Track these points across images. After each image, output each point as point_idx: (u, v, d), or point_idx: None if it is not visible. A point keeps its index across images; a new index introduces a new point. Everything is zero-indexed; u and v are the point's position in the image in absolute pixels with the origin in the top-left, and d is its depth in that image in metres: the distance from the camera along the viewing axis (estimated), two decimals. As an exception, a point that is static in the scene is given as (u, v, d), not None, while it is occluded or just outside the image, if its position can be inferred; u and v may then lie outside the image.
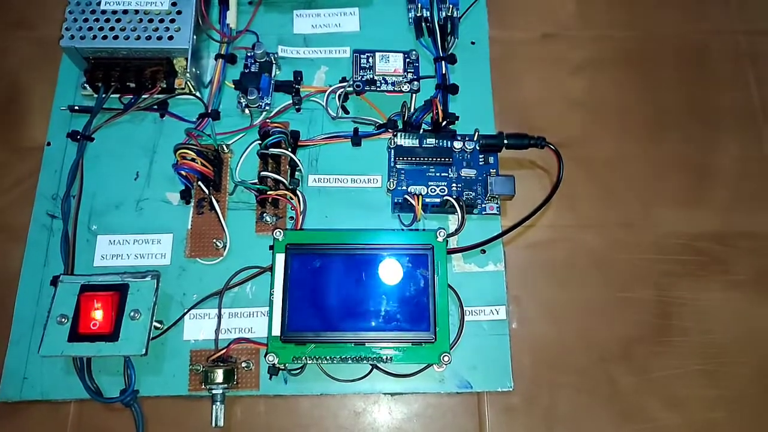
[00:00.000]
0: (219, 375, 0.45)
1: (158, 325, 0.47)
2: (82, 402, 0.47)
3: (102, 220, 0.51)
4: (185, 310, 0.48)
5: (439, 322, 0.44)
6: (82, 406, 0.47)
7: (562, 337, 0.49)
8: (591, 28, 0.60)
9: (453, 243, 0.50)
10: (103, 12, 0.52)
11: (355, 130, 0.54)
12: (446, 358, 0.44)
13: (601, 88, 0.58)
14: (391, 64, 0.54)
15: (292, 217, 0.51)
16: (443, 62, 0.55)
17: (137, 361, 0.46)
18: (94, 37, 0.51)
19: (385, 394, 0.48)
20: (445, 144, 0.52)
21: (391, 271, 0.46)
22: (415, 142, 0.52)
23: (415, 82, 0.54)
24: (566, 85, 0.58)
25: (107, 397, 0.46)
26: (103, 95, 0.53)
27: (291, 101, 0.55)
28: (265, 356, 0.44)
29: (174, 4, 0.52)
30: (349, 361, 0.45)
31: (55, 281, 0.47)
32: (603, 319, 0.50)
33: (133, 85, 0.53)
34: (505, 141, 0.52)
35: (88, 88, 0.54)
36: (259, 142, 0.52)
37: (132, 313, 0.45)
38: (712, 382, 0.48)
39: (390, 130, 0.53)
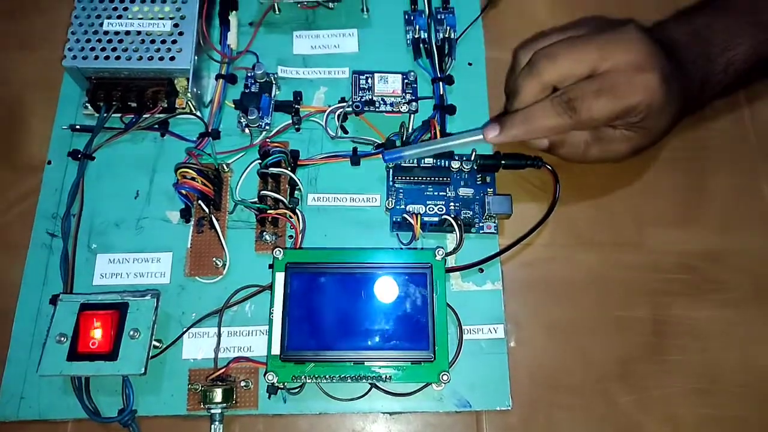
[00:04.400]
0: (218, 394, 0.45)
1: (157, 344, 0.47)
2: (79, 422, 0.47)
3: (102, 238, 0.52)
4: (184, 329, 0.48)
5: (438, 341, 0.45)
6: (80, 426, 0.47)
7: (559, 355, 0.50)
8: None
9: (451, 262, 0.51)
10: (106, 33, 0.52)
11: (354, 149, 0.54)
12: (445, 377, 0.44)
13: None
14: (389, 85, 0.55)
15: (291, 236, 0.51)
16: (441, 83, 0.56)
17: (136, 380, 0.46)
18: (97, 57, 0.51)
19: (384, 413, 0.48)
20: (443, 164, 0.53)
21: (389, 290, 0.46)
22: (414, 162, 0.53)
23: (414, 103, 0.55)
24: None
25: (105, 417, 0.46)
26: (105, 114, 0.53)
27: (291, 121, 0.55)
28: (264, 375, 0.44)
29: (176, 26, 0.53)
30: (348, 380, 0.45)
31: (54, 300, 0.47)
32: (600, 338, 0.50)
33: (134, 104, 0.53)
34: (502, 161, 0.52)
35: (89, 107, 0.54)
36: (259, 161, 0.52)
37: (131, 332, 0.45)
38: (710, 401, 0.48)
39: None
